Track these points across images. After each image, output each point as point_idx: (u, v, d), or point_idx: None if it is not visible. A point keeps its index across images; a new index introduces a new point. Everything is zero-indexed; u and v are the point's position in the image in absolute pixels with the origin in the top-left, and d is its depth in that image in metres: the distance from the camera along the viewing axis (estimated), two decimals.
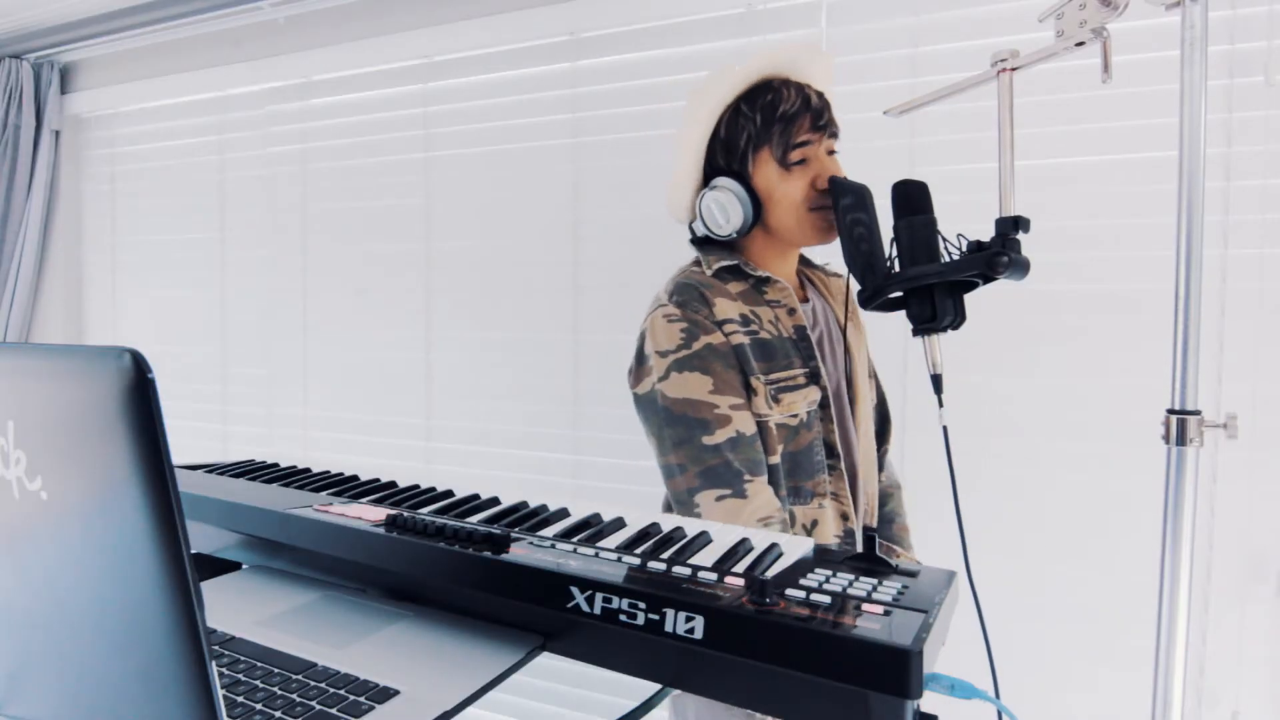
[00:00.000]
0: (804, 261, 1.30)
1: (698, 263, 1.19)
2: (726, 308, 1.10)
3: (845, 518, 1.15)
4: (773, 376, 1.09)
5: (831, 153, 1.16)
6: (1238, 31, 1.37)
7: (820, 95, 1.15)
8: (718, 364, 1.07)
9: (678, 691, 1.00)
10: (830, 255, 1.24)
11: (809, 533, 1.11)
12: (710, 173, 1.17)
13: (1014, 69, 0.98)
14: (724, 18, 1.75)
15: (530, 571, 0.63)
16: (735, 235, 1.15)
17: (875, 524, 1.25)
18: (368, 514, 0.77)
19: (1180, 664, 0.88)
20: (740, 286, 1.15)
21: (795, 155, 1.12)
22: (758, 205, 1.14)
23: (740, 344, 1.09)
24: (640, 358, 1.14)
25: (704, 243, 1.21)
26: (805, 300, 1.22)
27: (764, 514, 1.05)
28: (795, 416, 1.10)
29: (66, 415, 0.42)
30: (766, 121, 1.12)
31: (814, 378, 1.12)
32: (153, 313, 2.61)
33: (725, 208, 1.13)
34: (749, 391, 1.09)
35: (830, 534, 1.12)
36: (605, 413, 1.91)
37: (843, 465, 1.15)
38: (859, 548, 1.17)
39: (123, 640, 0.43)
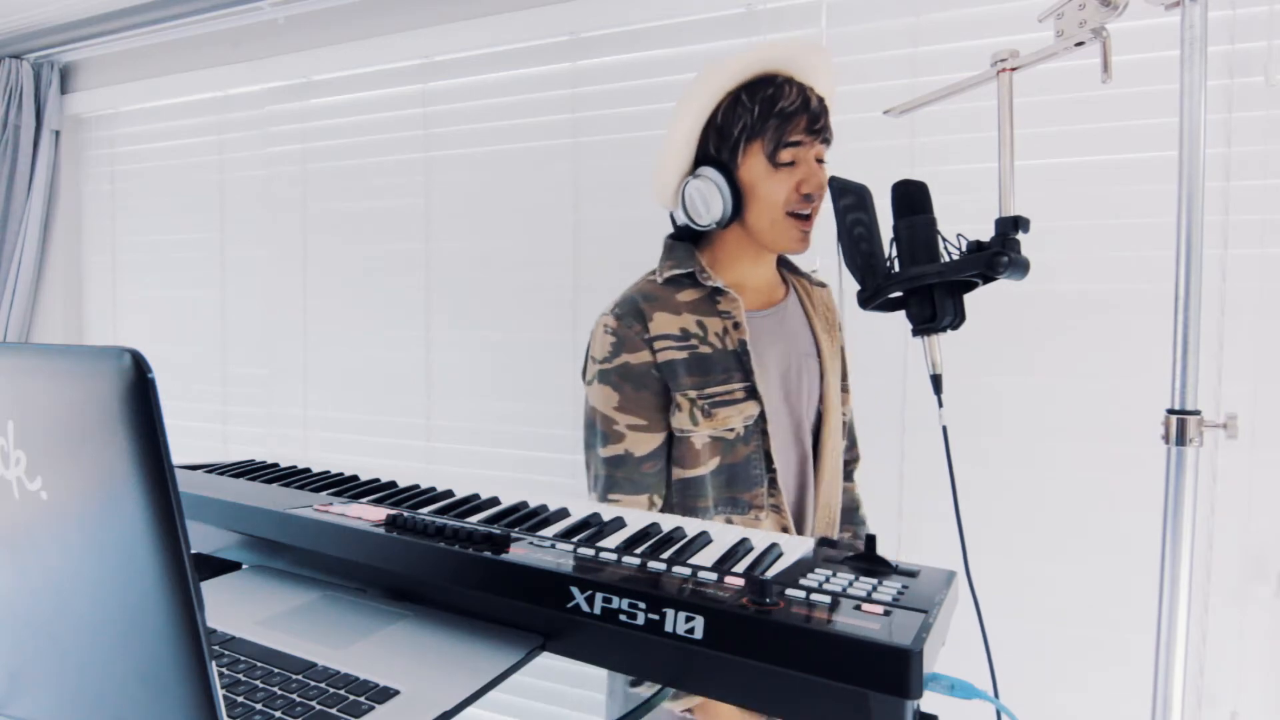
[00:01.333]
0: (789, 266, 1.30)
1: (653, 271, 1.20)
2: (665, 322, 1.12)
3: (785, 530, 1.15)
4: (707, 391, 1.11)
5: (821, 161, 1.16)
6: (1238, 31, 1.37)
7: (820, 100, 1.14)
8: (628, 384, 1.12)
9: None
10: (812, 258, 1.25)
11: None
12: (699, 160, 1.16)
13: (1014, 69, 0.98)
14: (724, 18, 1.75)
15: (530, 571, 0.63)
16: (714, 226, 1.15)
17: (836, 536, 1.25)
18: (368, 514, 0.77)
19: (1180, 664, 0.88)
20: (693, 295, 1.16)
21: (785, 155, 1.12)
22: (739, 200, 1.13)
23: (670, 360, 1.11)
24: (586, 357, 1.21)
25: (679, 235, 1.22)
26: (776, 303, 1.22)
27: None
28: (731, 430, 1.12)
29: (66, 415, 0.42)
30: (764, 114, 1.11)
31: (753, 392, 1.13)
32: (153, 313, 2.61)
33: (706, 198, 1.13)
34: (674, 407, 1.12)
35: None
36: None
37: (781, 478, 1.15)
38: None
39: (123, 640, 0.43)
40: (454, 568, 0.67)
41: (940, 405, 1.05)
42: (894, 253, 1.03)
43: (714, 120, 1.14)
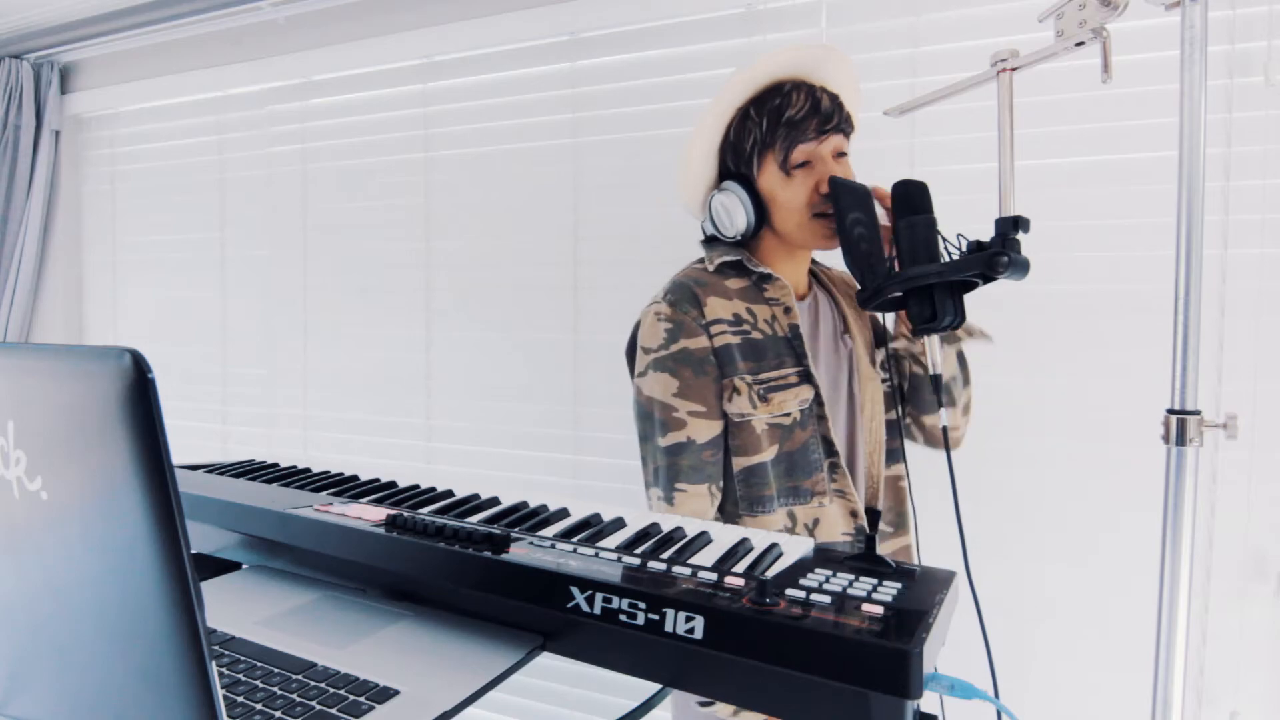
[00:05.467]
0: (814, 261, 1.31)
1: (701, 259, 1.21)
2: (718, 307, 1.12)
3: (854, 515, 1.14)
4: (762, 376, 1.11)
5: (842, 154, 1.16)
6: (1238, 31, 1.37)
7: (834, 97, 1.15)
8: (688, 369, 1.10)
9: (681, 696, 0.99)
10: (832, 258, 1.25)
11: (810, 532, 1.12)
12: (723, 173, 1.20)
13: (1014, 69, 0.98)
14: (724, 18, 1.75)
15: (530, 571, 0.63)
16: (741, 238, 1.17)
17: (881, 506, 1.23)
18: (368, 514, 0.77)
19: (1180, 664, 0.88)
20: (741, 283, 1.17)
21: (798, 156, 1.13)
22: (761, 209, 1.15)
23: (726, 345, 1.11)
24: (631, 349, 1.19)
25: (712, 241, 1.23)
26: (804, 297, 1.23)
27: None
28: (788, 415, 1.11)
29: (66, 415, 0.42)
30: (772, 126, 1.13)
31: (807, 376, 1.13)
32: (153, 313, 2.61)
33: (730, 211, 1.15)
34: (731, 392, 1.11)
35: (837, 533, 1.13)
36: (605, 413, 1.91)
37: (844, 463, 1.15)
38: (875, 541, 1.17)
39: (123, 640, 0.43)
40: (454, 568, 0.67)
41: (940, 405, 1.05)
42: (894, 252, 1.03)
43: (727, 138, 1.18)
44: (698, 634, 0.55)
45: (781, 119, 1.12)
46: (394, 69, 2.12)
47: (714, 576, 0.62)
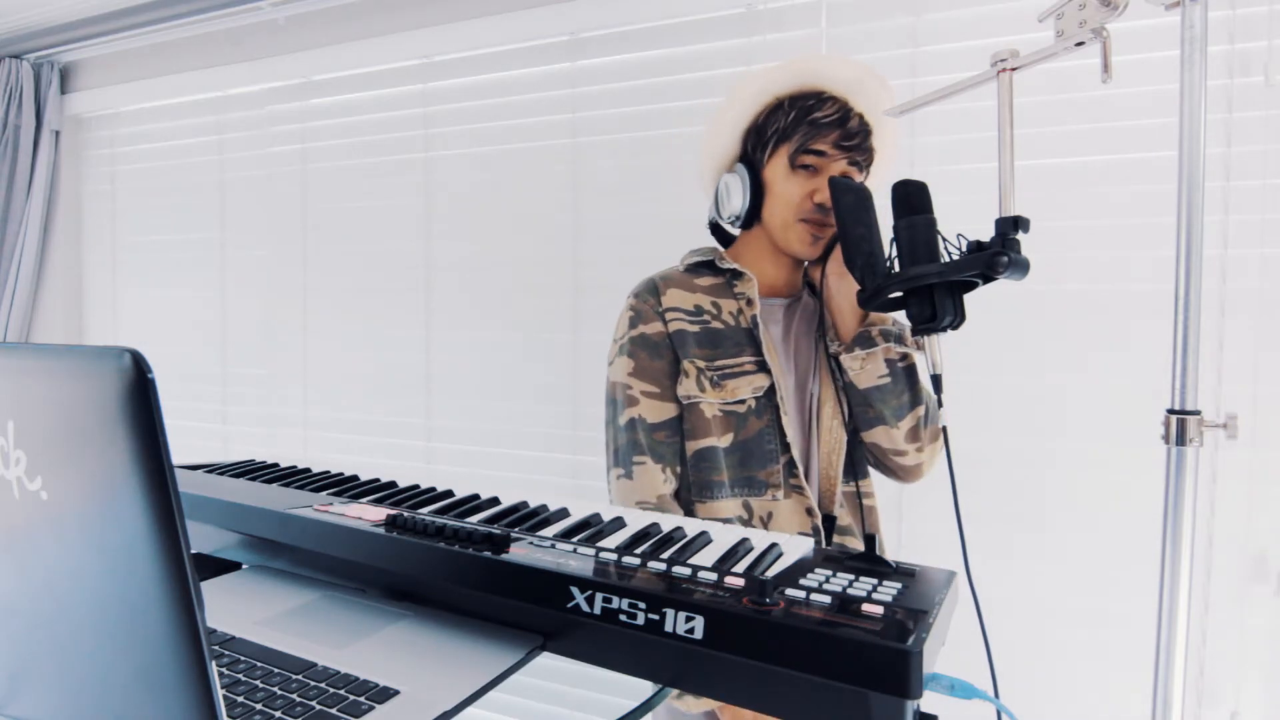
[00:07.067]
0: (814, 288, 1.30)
1: (680, 260, 1.28)
2: (677, 298, 1.18)
3: (810, 513, 1.14)
4: (717, 363, 1.15)
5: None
6: (1238, 31, 1.37)
7: (865, 128, 1.16)
8: (644, 352, 1.17)
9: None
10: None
11: (765, 525, 1.13)
12: (741, 158, 1.24)
13: (1014, 69, 0.98)
14: (724, 18, 1.75)
15: (530, 571, 0.63)
16: (737, 218, 1.21)
17: (836, 511, 1.19)
18: (368, 514, 0.77)
19: (1180, 664, 0.88)
20: (711, 281, 1.22)
21: (805, 159, 1.15)
22: (759, 198, 1.19)
23: (680, 330, 1.16)
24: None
25: (712, 230, 1.32)
26: (791, 297, 1.25)
27: (640, 496, 1.13)
28: (742, 403, 1.14)
29: (66, 415, 0.42)
30: (797, 120, 1.16)
31: (762, 366, 1.16)
32: (153, 313, 2.61)
33: (730, 191, 1.21)
34: (681, 375, 1.15)
35: (793, 529, 1.13)
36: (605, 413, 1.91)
37: (798, 458, 1.15)
38: (824, 543, 1.15)
39: (123, 640, 0.43)
40: (454, 568, 0.67)
41: (940, 405, 1.05)
42: (894, 253, 1.03)
43: (755, 122, 1.21)
44: (698, 634, 0.55)
45: (807, 117, 1.15)
46: (394, 69, 2.12)
47: (714, 576, 0.62)
